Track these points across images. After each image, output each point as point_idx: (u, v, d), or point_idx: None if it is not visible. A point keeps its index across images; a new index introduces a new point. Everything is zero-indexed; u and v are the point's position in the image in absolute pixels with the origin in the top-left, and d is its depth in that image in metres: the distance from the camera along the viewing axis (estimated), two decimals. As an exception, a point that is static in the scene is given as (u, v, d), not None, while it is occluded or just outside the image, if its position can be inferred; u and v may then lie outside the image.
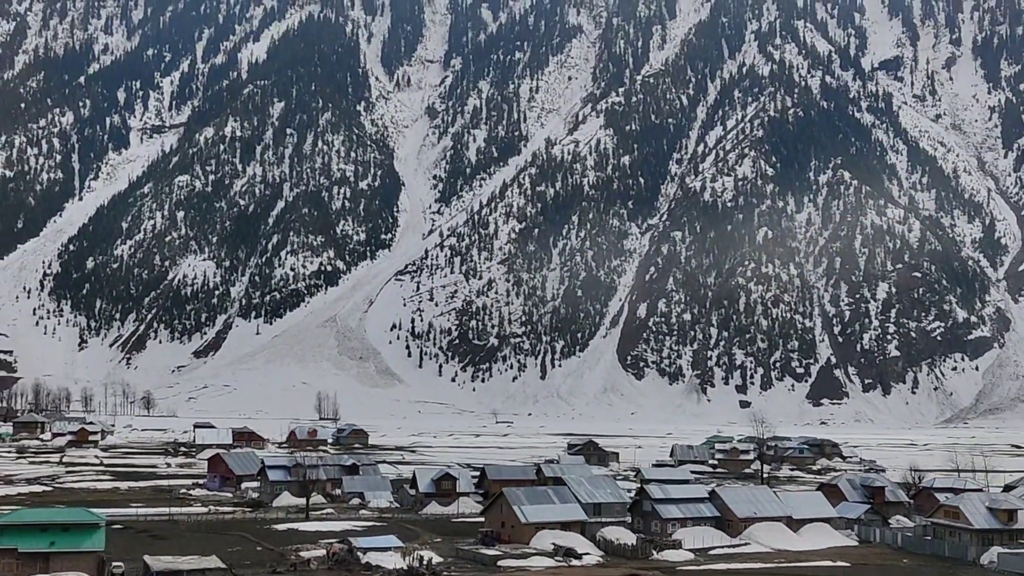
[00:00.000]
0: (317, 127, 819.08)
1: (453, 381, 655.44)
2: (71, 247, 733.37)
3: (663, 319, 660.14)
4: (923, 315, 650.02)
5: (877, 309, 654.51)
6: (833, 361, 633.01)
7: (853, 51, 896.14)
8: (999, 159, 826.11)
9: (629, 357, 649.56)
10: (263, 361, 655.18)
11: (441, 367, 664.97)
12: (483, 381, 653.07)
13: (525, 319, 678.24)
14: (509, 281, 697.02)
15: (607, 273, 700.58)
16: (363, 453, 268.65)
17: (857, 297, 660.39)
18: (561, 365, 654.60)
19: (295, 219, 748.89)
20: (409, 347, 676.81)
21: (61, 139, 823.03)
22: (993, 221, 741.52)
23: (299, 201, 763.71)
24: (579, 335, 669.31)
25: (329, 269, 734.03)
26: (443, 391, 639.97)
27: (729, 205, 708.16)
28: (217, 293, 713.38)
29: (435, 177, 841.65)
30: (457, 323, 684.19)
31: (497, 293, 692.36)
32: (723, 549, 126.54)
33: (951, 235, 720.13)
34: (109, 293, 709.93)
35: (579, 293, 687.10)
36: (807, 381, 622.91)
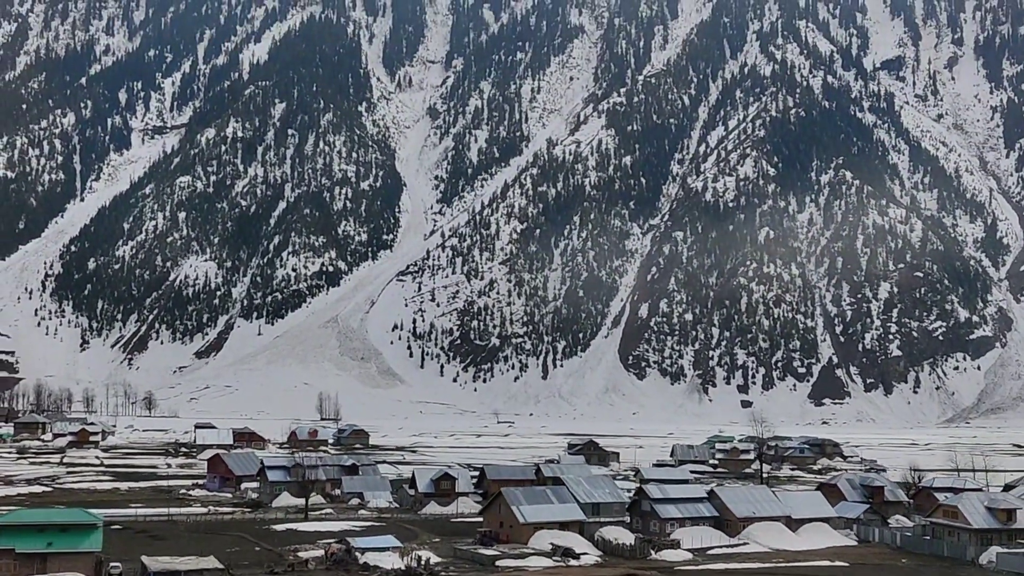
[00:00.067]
0: (319, 128, 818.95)
1: (455, 381, 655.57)
2: (73, 248, 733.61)
3: (665, 319, 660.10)
4: (925, 315, 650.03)
5: (879, 309, 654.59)
6: (835, 361, 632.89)
7: (855, 51, 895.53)
8: (1001, 159, 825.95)
9: (631, 357, 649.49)
10: (265, 362, 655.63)
11: (443, 367, 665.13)
12: (484, 381, 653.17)
13: (527, 319, 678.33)
14: (511, 281, 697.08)
15: (609, 273, 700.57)
16: (363, 453, 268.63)
17: (859, 297, 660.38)
18: (563, 365, 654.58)
19: (297, 220, 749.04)
20: (411, 347, 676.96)
21: (63, 140, 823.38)
22: (995, 221, 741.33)
23: (301, 202, 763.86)
24: (581, 335, 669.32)
25: (331, 270, 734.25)
26: (445, 391, 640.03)
27: (731, 205, 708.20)
28: (219, 294, 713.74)
29: (436, 177, 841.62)
30: (459, 323, 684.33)
31: (499, 293, 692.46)
32: (722, 549, 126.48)
33: (953, 235, 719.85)
34: (111, 294, 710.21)
35: (580, 293, 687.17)
36: (809, 381, 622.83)
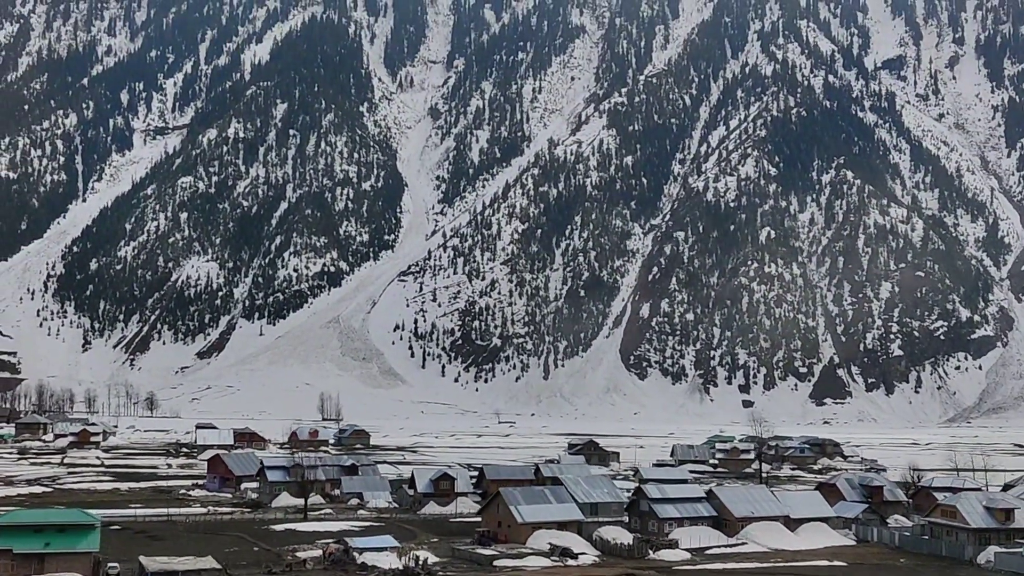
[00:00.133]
0: (320, 128, 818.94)
1: (456, 381, 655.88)
2: (75, 248, 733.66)
3: (666, 319, 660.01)
4: (926, 314, 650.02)
5: (880, 308, 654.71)
6: (836, 361, 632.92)
7: (856, 50, 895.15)
8: (1002, 158, 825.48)
9: (632, 357, 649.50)
10: (266, 362, 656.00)
11: (444, 367, 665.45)
12: (486, 381, 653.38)
13: (528, 319, 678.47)
14: (512, 281, 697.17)
15: (610, 273, 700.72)
16: (364, 453, 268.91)
17: (860, 296, 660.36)
18: (564, 365, 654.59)
19: (298, 220, 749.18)
20: (412, 348, 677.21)
21: (64, 141, 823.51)
22: (996, 220, 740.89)
23: (302, 202, 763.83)
24: (582, 335, 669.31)
25: (332, 270, 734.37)
26: (446, 391, 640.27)
27: (732, 205, 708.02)
28: (220, 294, 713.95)
29: (438, 178, 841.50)
30: (460, 323, 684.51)
31: (500, 293, 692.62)
32: (720, 549, 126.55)
33: (954, 234, 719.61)
34: (113, 294, 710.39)
35: (582, 293, 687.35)
36: (810, 381, 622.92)
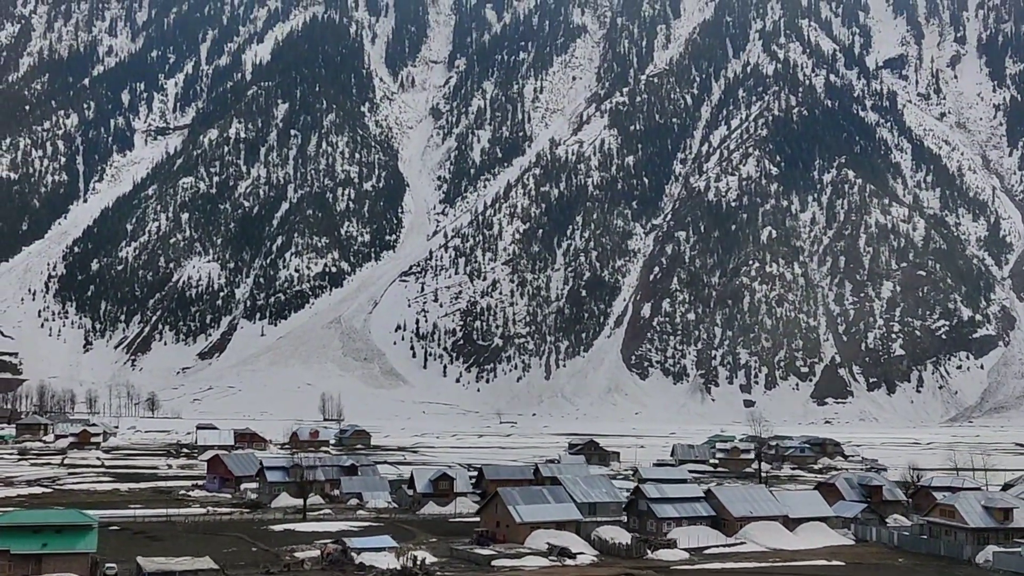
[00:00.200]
0: (321, 128, 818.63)
1: (457, 382, 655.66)
2: (76, 249, 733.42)
3: (667, 319, 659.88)
4: (928, 314, 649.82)
5: (882, 308, 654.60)
6: (837, 360, 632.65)
7: (857, 50, 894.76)
8: (1004, 157, 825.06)
9: (633, 357, 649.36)
10: (268, 362, 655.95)
11: (445, 368, 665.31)
12: (487, 382, 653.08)
13: (529, 319, 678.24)
14: (513, 282, 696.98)
15: (611, 273, 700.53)
16: (364, 454, 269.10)
17: (862, 296, 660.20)
18: (565, 365, 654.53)
19: (299, 220, 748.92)
20: (414, 348, 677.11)
21: (66, 141, 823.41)
22: (998, 219, 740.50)
23: (303, 202, 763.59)
24: (583, 335, 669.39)
25: (334, 270, 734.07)
26: (447, 392, 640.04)
27: (733, 204, 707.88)
28: (222, 295, 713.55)
29: (439, 178, 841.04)
30: (461, 324, 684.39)
31: (501, 294, 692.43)
32: (718, 548, 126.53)
33: (956, 233, 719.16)
34: (114, 295, 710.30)
35: (583, 293, 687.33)
36: (811, 380, 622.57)
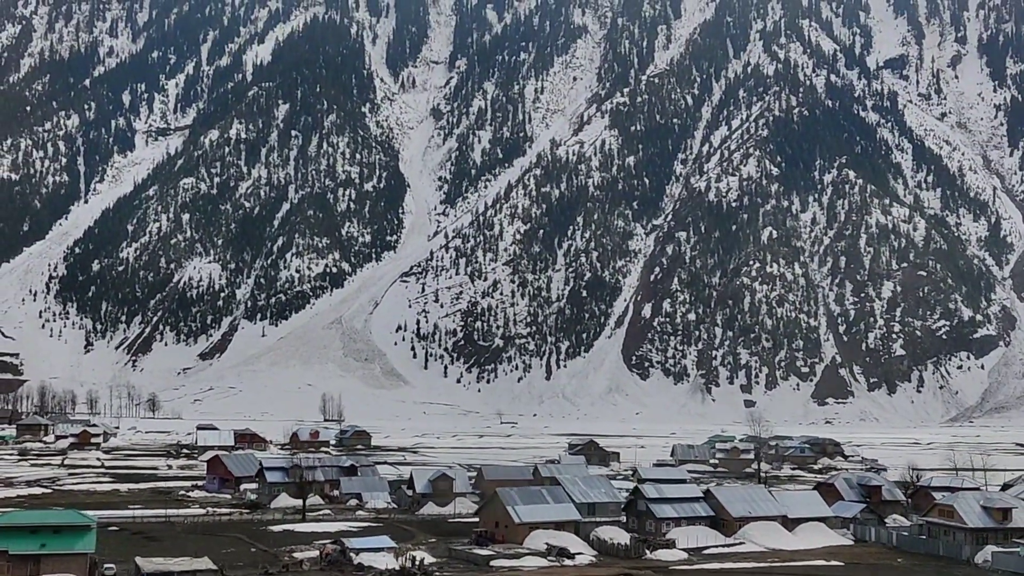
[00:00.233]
0: (322, 129, 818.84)
1: (458, 382, 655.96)
2: (77, 250, 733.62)
3: (668, 319, 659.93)
4: (928, 314, 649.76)
5: (882, 308, 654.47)
6: (838, 360, 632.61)
7: (858, 50, 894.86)
8: (1005, 157, 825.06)
9: (634, 357, 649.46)
10: (268, 363, 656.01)
11: (446, 368, 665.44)
12: (488, 382, 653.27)
13: (530, 320, 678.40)
14: (514, 282, 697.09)
15: (612, 274, 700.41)
16: (364, 454, 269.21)
17: (862, 296, 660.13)
18: (566, 366, 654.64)
19: (300, 221, 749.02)
20: (414, 348, 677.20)
21: (66, 142, 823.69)
22: (999, 219, 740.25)
23: (304, 203, 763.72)
24: (584, 336, 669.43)
25: (334, 271, 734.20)
26: (448, 392, 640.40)
27: (734, 205, 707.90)
28: (222, 295, 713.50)
29: (440, 179, 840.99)
30: (462, 324, 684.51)
31: (502, 294, 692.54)
32: (717, 548, 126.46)
33: (956, 233, 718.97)
34: (115, 296, 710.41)
35: (584, 294, 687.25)
36: (812, 380, 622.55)
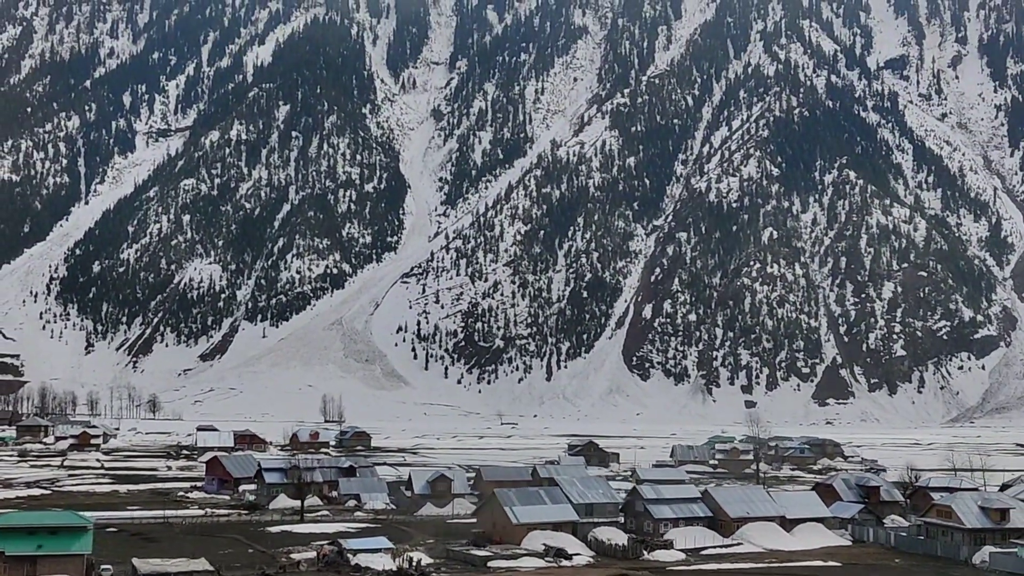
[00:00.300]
0: (323, 130, 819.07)
1: (459, 383, 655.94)
2: (77, 251, 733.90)
3: (668, 320, 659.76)
4: (929, 314, 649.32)
5: (883, 308, 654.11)
6: (839, 361, 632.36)
7: (859, 50, 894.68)
8: (1005, 157, 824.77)
9: (634, 358, 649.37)
10: (269, 364, 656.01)
11: (447, 369, 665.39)
12: (489, 383, 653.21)
13: (531, 321, 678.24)
14: (515, 283, 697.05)
15: (612, 274, 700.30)
16: (364, 455, 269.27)
17: (863, 297, 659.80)
18: (567, 366, 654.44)
19: (301, 222, 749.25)
20: (415, 349, 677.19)
21: (67, 143, 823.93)
22: (999, 220, 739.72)
23: (305, 204, 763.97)
24: (584, 336, 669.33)
25: (335, 272, 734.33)
26: (449, 393, 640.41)
27: (734, 206, 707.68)
28: (223, 296, 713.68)
29: (441, 179, 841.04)
30: (463, 325, 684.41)
31: (503, 295, 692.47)
32: (715, 549, 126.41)
33: (957, 234, 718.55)
34: (115, 297, 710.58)
35: (584, 295, 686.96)
36: (813, 381, 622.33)
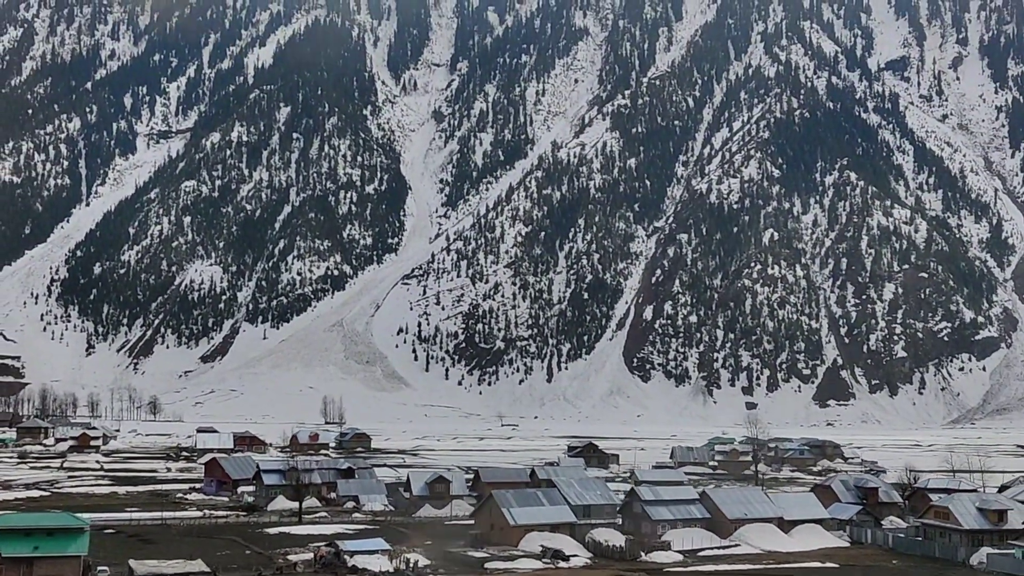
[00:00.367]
0: (323, 131, 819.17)
1: (460, 384, 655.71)
2: (78, 253, 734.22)
3: (669, 321, 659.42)
4: (930, 316, 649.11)
5: (884, 310, 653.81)
6: (840, 362, 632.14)
7: (859, 51, 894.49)
8: (1006, 159, 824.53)
9: (635, 359, 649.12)
10: (270, 366, 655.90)
11: (448, 370, 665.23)
12: (489, 384, 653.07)
13: (531, 322, 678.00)
14: (515, 284, 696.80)
15: (613, 276, 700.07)
16: (364, 457, 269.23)
17: (863, 298, 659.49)
18: (567, 368, 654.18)
19: (302, 224, 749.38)
20: (416, 351, 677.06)
21: (68, 145, 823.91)
22: (1000, 221, 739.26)
23: (305, 206, 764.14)
24: (585, 338, 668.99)
25: (336, 273, 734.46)
26: (450, 394, 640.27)
27: (735, 207, 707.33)
28: (224, 298, 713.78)
29: (441, 181, 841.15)
30: (463, 326, 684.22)
31: (503, 296, 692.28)
32: (713, 550, 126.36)
33: (958, 235, 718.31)
34: (116, 298, 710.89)
35: (585, 296, 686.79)
36: (813, 382, 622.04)
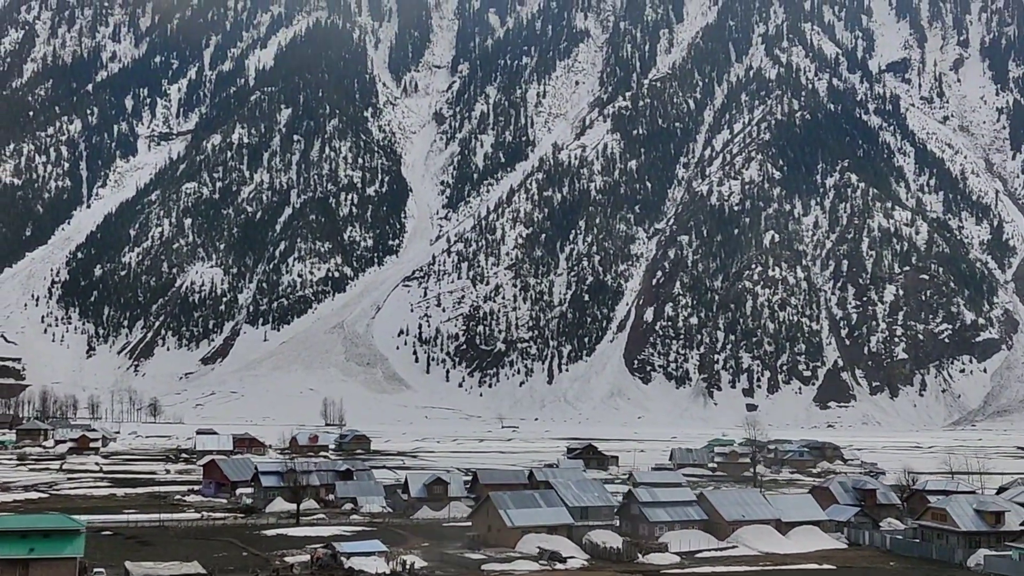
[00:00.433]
0: (324, 133, 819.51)
1: (460, 386, 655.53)
2: (79, 255, 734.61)
3: (670, 323, 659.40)
4: (931, 317, 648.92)
5: (884, 311, 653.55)
6: (840, 364, 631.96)
7: (860, 53, 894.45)
8: (1007, 160, 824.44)
9: (636, 361, 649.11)
10: (270, 368, 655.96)
11: (448, 372, 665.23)
12: (490, 386, 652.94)
13: (532, 324, 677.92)
14: (516, 286, 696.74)
15: (614, 278, 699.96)
16: (364, 458, 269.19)
17: (864, 300, 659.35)
18: (568, 370, 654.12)
19: (302, 225, 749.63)
20: (416, 353, 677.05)
21: (69, 147, 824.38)
22: (1001, 223, 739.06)
23: (306, 207, 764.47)
24: (586, 340, 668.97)
25: (336, 275, 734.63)
26: (450, 396, 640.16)
27: (736, 209, 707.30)
28: (225, 300, 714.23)
29: (442, 183, 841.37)
30: (464, 328, 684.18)
31: (504, 298, 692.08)
32: (710, 552, 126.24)
33: (959, 237, 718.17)
34: (117, 300, 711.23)
35: (586, 298, 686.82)
36: (814, 384, 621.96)
